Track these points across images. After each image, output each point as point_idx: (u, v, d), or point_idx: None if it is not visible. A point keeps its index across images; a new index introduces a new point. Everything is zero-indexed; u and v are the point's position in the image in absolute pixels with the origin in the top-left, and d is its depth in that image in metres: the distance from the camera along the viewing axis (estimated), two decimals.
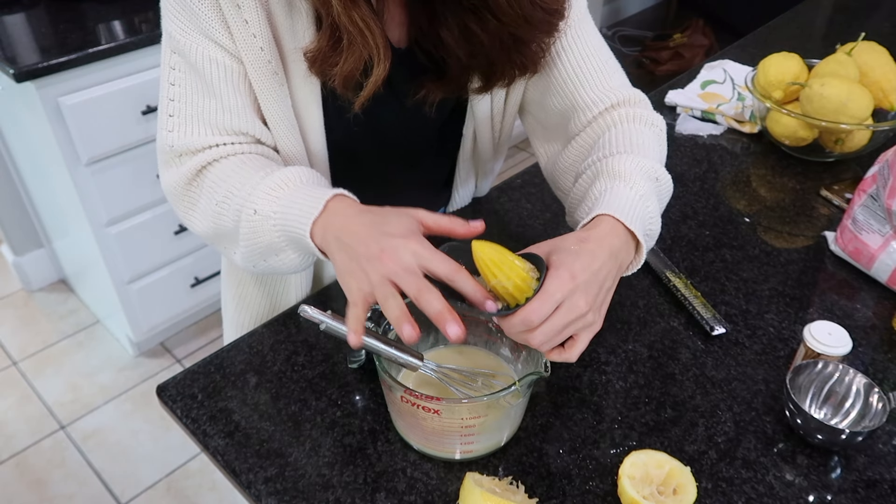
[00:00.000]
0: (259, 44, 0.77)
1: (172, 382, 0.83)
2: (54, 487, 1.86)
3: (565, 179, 0.93)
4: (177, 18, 0.77)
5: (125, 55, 1.70)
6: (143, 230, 1.93)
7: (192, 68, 0.78)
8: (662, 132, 0.88)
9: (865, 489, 0.72)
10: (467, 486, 0.67)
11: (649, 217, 0.75)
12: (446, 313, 0.64)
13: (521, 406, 0.73)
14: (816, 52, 1.36)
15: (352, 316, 0.67)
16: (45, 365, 2.20)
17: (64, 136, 1.69)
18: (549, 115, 0.93)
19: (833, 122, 1.14)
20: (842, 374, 0.77)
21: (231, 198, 0.76)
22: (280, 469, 0.73)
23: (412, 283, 0.64)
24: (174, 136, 0.80)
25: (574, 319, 0.65)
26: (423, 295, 0.64)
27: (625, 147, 0.81)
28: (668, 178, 0.82)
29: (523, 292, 0.65)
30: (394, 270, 0.64)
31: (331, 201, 0.71)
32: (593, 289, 0.66)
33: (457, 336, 0.64)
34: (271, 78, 0.79)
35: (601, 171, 0.79)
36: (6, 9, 1.80)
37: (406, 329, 0.64)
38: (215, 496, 1.85)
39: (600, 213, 0.72)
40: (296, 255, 0.76)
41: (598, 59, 0.89)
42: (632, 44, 3.96)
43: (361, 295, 0.67)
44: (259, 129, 0.82)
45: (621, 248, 0.71)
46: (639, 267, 0.75)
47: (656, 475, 0.69)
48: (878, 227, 0.96)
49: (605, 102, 0.87)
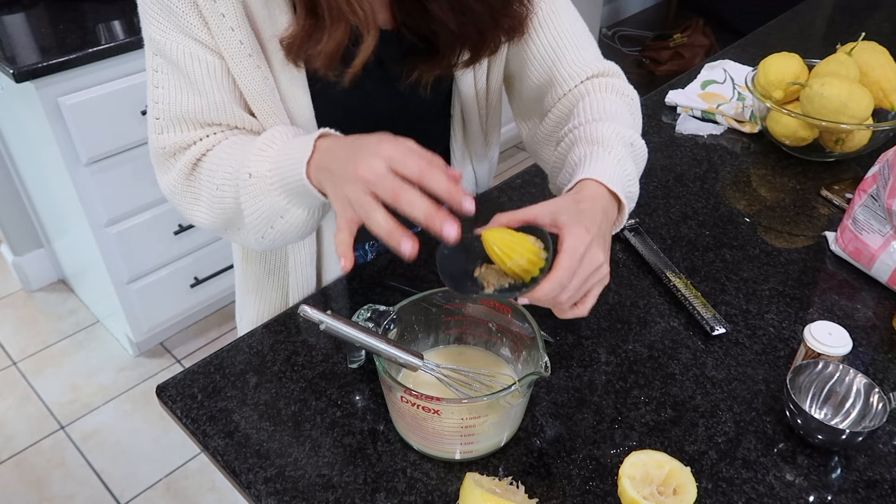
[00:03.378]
0: (238, 37, 0.77)
1: (172, 382, 0.83)
2: (54, 487, 1.86)
3: (546, 150, 0.96)
4: (155, 20, 0.77)
5: (125, 55, 1.70)
6: (143, 230, 1.93)
7: (175, 68, 0.78)
8: (634, 101, 0.92)
9: (866, 489, 0.72)
10: (467, 486, 0.67)
11: (628, 179, 0.78)
12: (434, 213, 0.60)
13: (521, 406, 0.73)
14: (816, 52, 1.36)
15: (337, 239, 0.65)
16: (45, 365, 2.20)
17: (63, 135, 1.69)
18: (528, 89, 0.96)
19: (833, 122, 1.14)
20: (842, 374, 0.77)
21: (228, 178, 0.77)
22: (280, 469, 0.73)
23: (387, 187, 0.62)
24: (164, 137, 0.81)
25: (594, 271, 0.67)
26: (401, 196, 0.61)
27: (599, 115, 0.84)
28: (643, 144, 0.85)
29: (536, 265, 0.67)
30: (367, 178, 0.62)
31: (318, 141, 0.71)
32: (602, 240, 0.69)
33: (454, 236, 0.60)
34: (254, 71, 0.79)
35: (579, 138, 0.82)
36: (6, 9, 1.80)
37: (404, 243, 0.61)
38: (215, 496, 1.85)
39: (583, 178, 0.74)
40: (301, 210, 0.75)
41: (574, 32, 0.92)
42: (632, 44, 3.95)
43: (344, 218, 0.65)
44: (247, 121, 0.82)
45: (609, 208, 0.74)
46: (622, 226, 0.78)
47: (656, 475, 0.68)
48: (878, 227, 0.96)
49: (581, 76, 0.91)
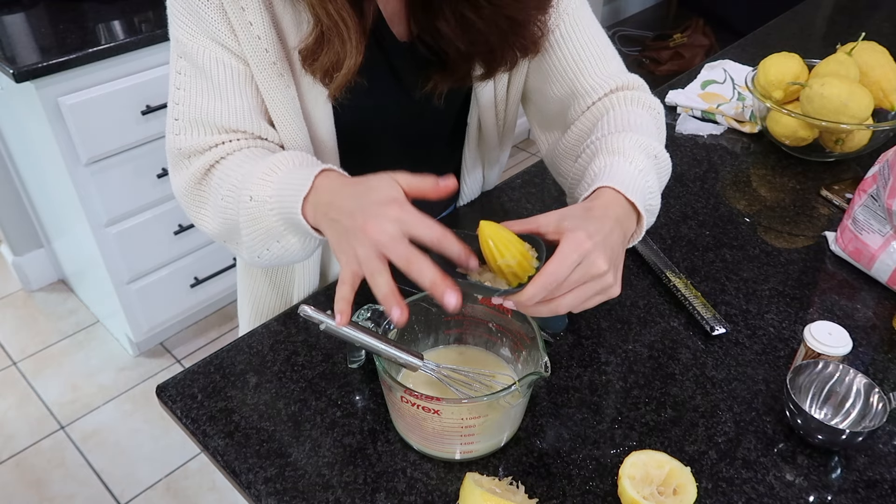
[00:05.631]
0: (264, 45, 0.77)
1: (172, 382, 0.83)
2: (54, 487, 1.86)
3: (566, 163, 0.94)
4: (183, 23, 0.77)
5: (125, 55, 1.70)
6: (143, 230, 1.93)
7: (199, 71, 0.79)
8: (660, 115, 0.90)
9: (866, 489, 0.72)
10: (467, 486, 0.67)
11: (649, 191, 0.75)
12: (440, 281, 0.61)
13: (521, 406, 0.73)
14: (816, 52, 1.36)
15: (338, 295, 0.65)
16: (45, 365, 2.20)
17: (63, 136, 1.69)
18: (549, 102, 0.95)
19: (833, 122, 1.14)
20: (842, 374, 0.77)
21: (234, 191, 0.77)
22: (280, 469, 0.73)
23: (400, 253, 0.62)
24: (181, 138, 0.81)
25: (591, 280, 0.65)
26: (412, 264, 0.62)
27: (623, 127, 0.82)
28: (667, 157, 0.82)
29: (526, 271, 0.65)
30: (379, 241, 0.63)
31: (318, 178, 0.70)
32: (608, 250, 0.66)
33: (454, 305, 0.61)
34: (277, 79, 0.80)
35: (600, 149, 0.80)
36: (6, 9, 1.80)
37: (395, 310, 0.62)
38: (215, 496, 1.85)
39: (601, 186, 0.72)
40: (296, 238, 0.76)
41: (597, 46, 0.90)
42: (632, 44, 3.95)
43: (349, 271, 0.65)
44: (265, 130, 0.82)
45: (624, 218, 0.71)
46: (639, 239, 0.76)
47: (656, 475, 0.68)
48: (878, 227, 0.96)
49: (605, 88, 0.89)
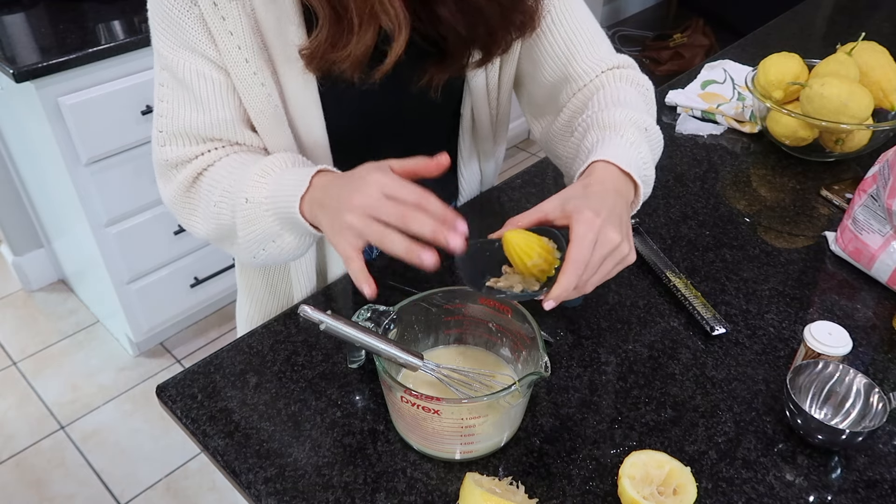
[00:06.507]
0: (244, 55, 0.77)
1: (172, 382, 0.83)
2: (54, 487, 1.86)
3: (561, 145, 0.96)
4: (164, 35, 0.78)
5: (125, 55, 1.70)
6: (143, 230, 1.93)
7: (181, 84, 0.79)
8: (650, 91, 0.92)
9: (866, 489, 0.72)
10: (467, 486, 0.67)
11: (642, 161, 0.78)
12: (439, 227, 0.62)
13: (521, 406, 0.73)
14: (816, 52, 1.36)
15: (353, 270, 0.67)
16: (45, 365, 2.20)
17: (63, 136, 1.69)
18: (541, 87, 0.96)
19: (833, 122, 1.14)
20: (842, 374, 0.77)
21: (226, 196, 0.78)
22: (280, 469, 0.73)
23: (392, 209, 0.63)
24: (167, 150, 0.82)
25: (610, 252, 0.67)
26: (409, 217, 0.62)
27: (613, 103, 0.84)
28: (658, 130, 0.84)
29: (552, 264, 0.69)
30: (368, 204, 0.64)
31: (315, 177, 0.73)
32: (616, 219, 0.69)
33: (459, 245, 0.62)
34: (258, 89, 0.80)
35: (591, 125, 0.82)
36: (6, 9, 1.80)
37: (425, 255, 0.62)
38: (215, 496, 1.85)
39: (594, 161, 0.74)
40: (292, 237, 0.77)
41: (588, 30, 0.92)
42: (632, 44, 3.95)
43: (351, 247, 0.66)
44: (248, 137, 0.83)
45: (621, 187, 0.73)
46: (637, 208, 0.78)
47: (656, 475, 0.68)
48: (878, 227, 0.96)
49: (596, 71, 0.91)
